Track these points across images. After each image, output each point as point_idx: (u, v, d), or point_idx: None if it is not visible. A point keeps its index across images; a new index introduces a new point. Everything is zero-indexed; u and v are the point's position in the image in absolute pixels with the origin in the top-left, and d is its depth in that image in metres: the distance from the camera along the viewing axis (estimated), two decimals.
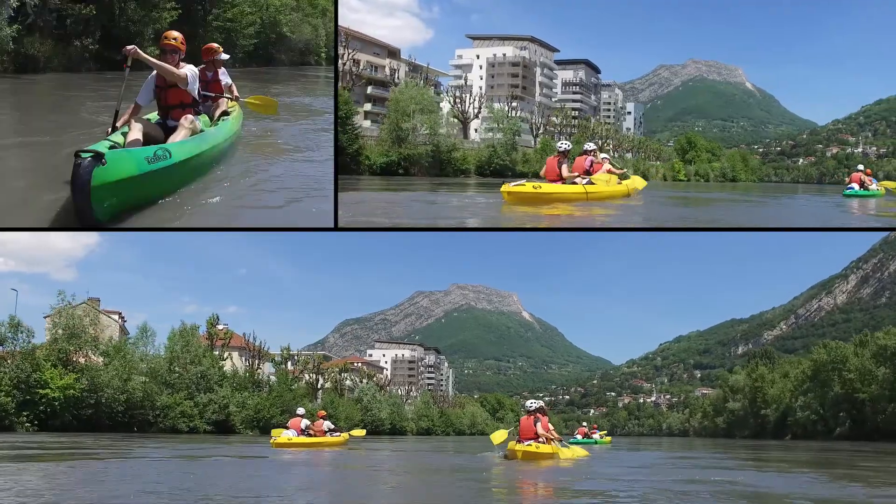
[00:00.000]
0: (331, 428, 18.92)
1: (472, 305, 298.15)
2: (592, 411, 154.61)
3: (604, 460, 14.62)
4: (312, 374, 48.18)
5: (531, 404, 12.86)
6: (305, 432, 17.50)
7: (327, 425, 18.70)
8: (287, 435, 16.85)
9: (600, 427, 41.27)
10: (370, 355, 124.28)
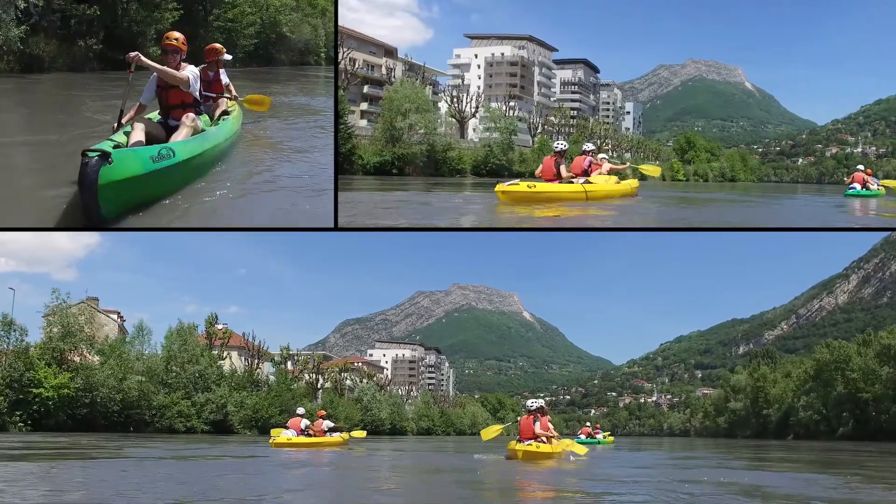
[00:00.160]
0: (331, 427, 18.88)
1: (473, 305, 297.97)
2: (593, 411, 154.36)
3: (606, 460, 14.62)
4: (312, 374, 48.09)
5: (531, 404, 12.78)
6: (305, 432, 17.48)
7: (327, 424, 18.67)
8: (286, 435, 16.82)
9: (602, 427, 41.24)
10: (371, 355, 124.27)
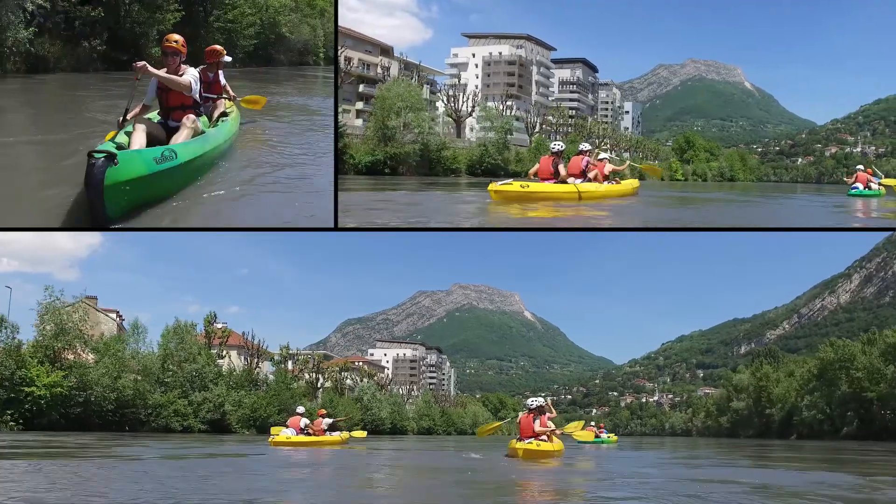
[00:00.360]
0: (330, 424, 18.90)
1: (474, 305, 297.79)
2: (595, 411, 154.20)
3: (608, 460, 14.62)
4: (312, 374, 48.02)
5: (532, 402, 12.69)
6: (305, 431, 17.51)
7: (326, 422, 18.69)
8: (286, 433, 16.85)
9: (604, 427, 41.16)
10: (372, 355, 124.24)
